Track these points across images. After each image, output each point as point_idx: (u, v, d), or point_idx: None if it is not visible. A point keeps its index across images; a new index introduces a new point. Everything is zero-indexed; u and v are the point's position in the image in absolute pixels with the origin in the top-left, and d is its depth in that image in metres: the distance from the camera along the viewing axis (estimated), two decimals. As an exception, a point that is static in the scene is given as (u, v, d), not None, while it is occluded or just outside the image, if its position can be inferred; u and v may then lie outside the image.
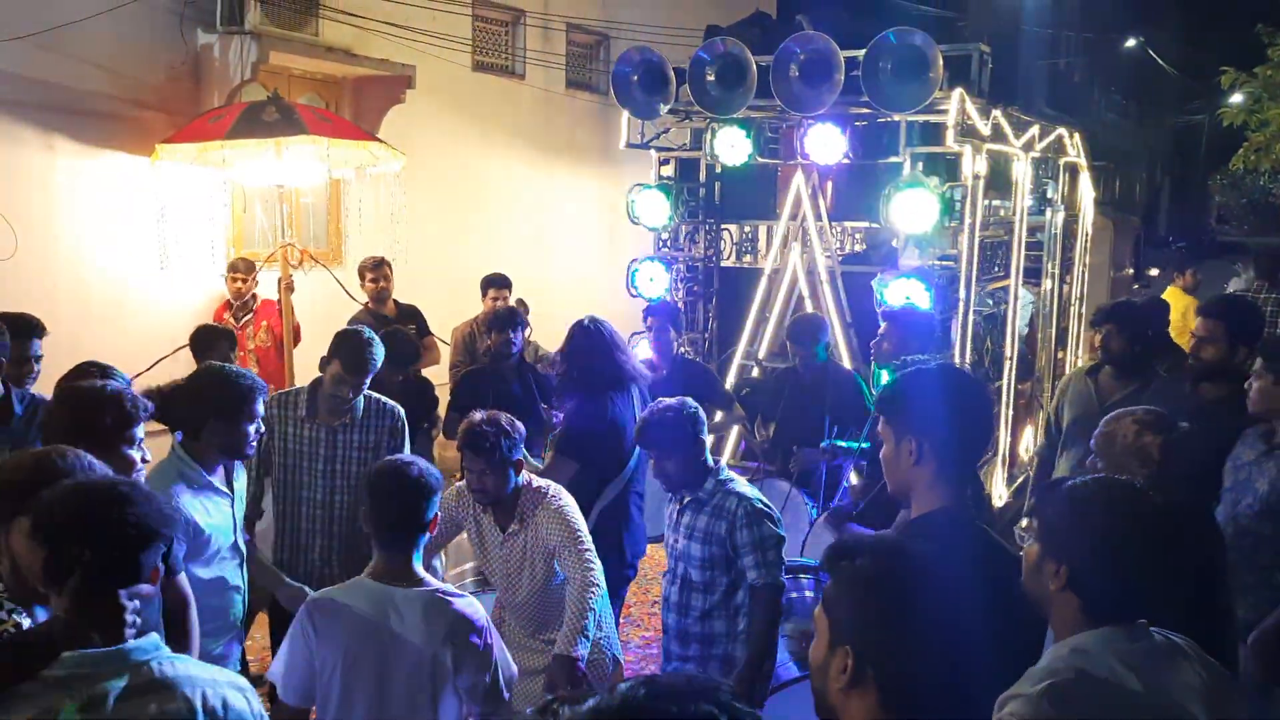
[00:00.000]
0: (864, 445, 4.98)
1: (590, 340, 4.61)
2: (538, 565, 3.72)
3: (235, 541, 3.61)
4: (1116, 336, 4.69)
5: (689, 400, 3.82)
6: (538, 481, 3.80)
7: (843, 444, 5.16)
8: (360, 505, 4.06)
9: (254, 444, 3.53)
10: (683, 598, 3.77)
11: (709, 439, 3.92)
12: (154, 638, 2.06)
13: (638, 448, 4.54)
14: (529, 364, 6.14)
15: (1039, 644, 2.28)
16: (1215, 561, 2.52)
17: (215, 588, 3.44)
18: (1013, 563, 2.34)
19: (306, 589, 3.78)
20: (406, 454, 3.07)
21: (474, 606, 2.93)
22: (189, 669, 2.05)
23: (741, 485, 3.78)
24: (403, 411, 4.41)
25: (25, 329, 4.28)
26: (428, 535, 2.94)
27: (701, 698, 1.14)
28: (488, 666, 2.89)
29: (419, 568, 2.91)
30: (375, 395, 4.35)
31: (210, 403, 3.44)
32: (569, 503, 3.79)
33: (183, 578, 3.23)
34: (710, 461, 3.81)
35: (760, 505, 3.71)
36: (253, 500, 4.27)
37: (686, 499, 3.78)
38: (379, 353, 4.19)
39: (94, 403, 2.92)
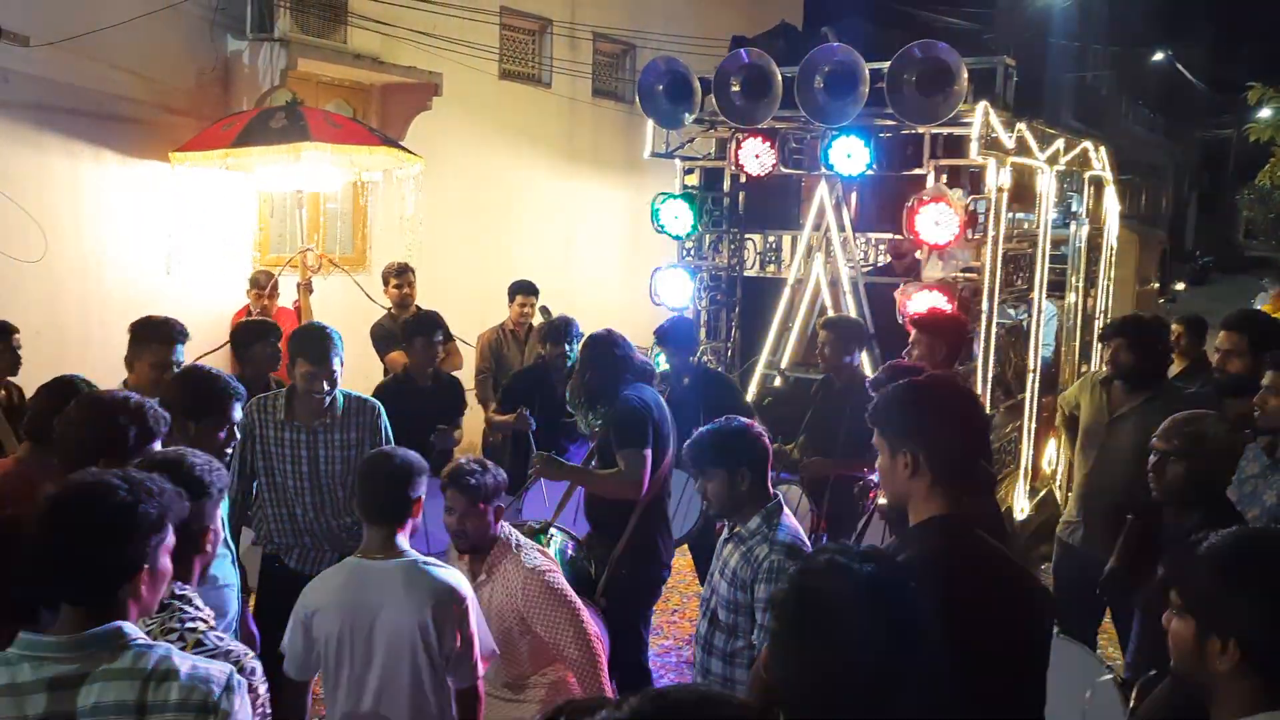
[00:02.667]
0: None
1: (601, 347, 4.57)
2: (507, 619, 3.53)
3: (225, 537, 3.66)
4: (1126, 350, 4.72)
5: (755, 424, 3.45)
6: (516, 538, 3.64)
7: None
8: (351, 501, 4.18)
9: (229, 448, 3.55)
10: (709, 634, 3.42)
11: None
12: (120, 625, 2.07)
13: (670, 441, 4.54)
14: None
15: (1043, 642, 2.27)
16: None
17: (209, 584, 3.40)
18: (1011, 565, 2.34)
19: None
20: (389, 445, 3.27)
21: (455, 576, 3.11)
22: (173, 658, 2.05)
23: (788, 533, 3.31)
24: (381, 407, 4.41)
25: (173, 335, 4.28)
26: (412, 518, 3.18)
27: (710, 713, 1.13)
28: (465, 636, 3.04)
29: (402, 542, 3.13)
30: (355, 393, 4.36)
31: (181, 403, 3.48)
32: (546, 566, 3.61)
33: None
34: (769, 494, 3.38)
35: (791, 563, 3.16)
36: (239, 506, 4.29)
37: (734, 528, 3.39)
38: (336, 339, 4.22)
39: (119, 412, 2.95)
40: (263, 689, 2.33)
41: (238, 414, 3.55)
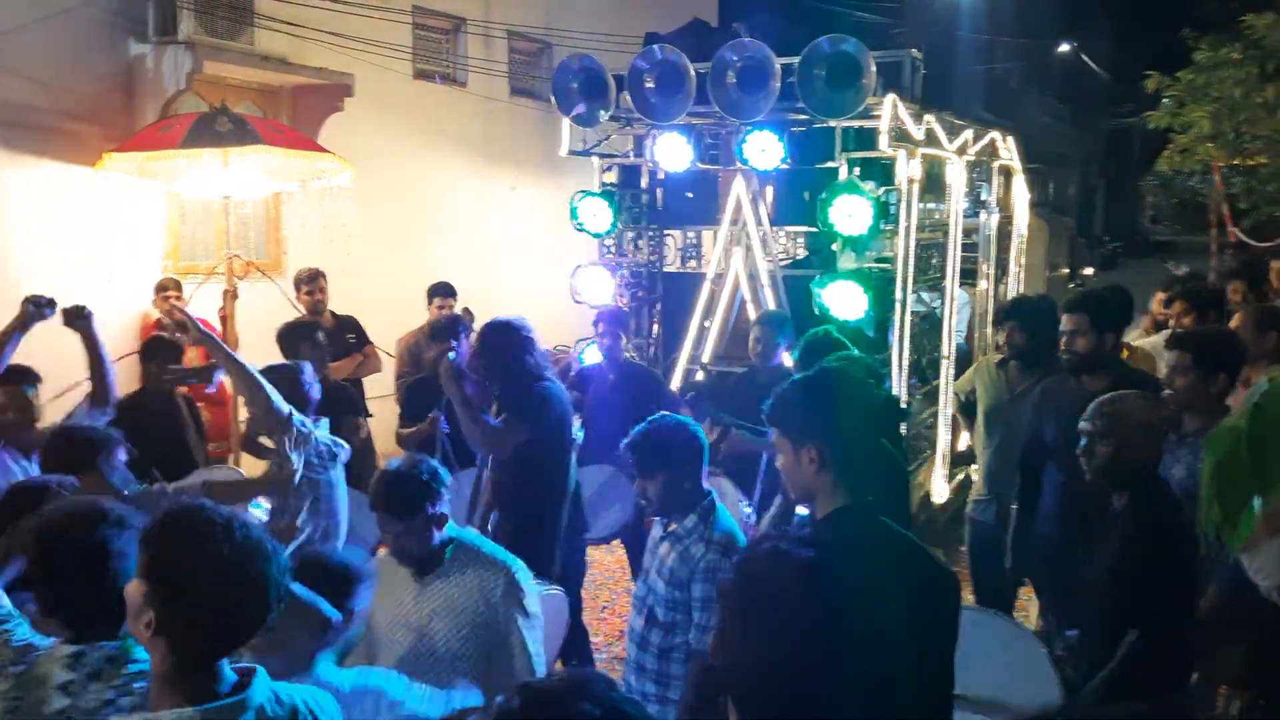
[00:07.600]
0: None
1: (507, 337, 4.59)
2: (467, 616, 3.22)
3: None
4: (1018, 332, 4.91)
5: (692, 423, 3.48)
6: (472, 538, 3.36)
7: None
8: None
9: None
10: (645, 631, 3.41)
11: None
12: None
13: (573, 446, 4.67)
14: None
15: (950, 626, 2.33)
16: None
17: None
18: (920, 555, 2.40)
19: None
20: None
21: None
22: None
23: (723, 531, 3.34)
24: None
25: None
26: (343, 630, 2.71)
27: (578, 697, 1.15)
28: None
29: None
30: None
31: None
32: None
33: None
34: (702, 492, 3.40)
35: (727, 561, 3.16)
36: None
37: (670, 527, 3.42)
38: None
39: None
40: None
41: (121, 456, 3.50)
